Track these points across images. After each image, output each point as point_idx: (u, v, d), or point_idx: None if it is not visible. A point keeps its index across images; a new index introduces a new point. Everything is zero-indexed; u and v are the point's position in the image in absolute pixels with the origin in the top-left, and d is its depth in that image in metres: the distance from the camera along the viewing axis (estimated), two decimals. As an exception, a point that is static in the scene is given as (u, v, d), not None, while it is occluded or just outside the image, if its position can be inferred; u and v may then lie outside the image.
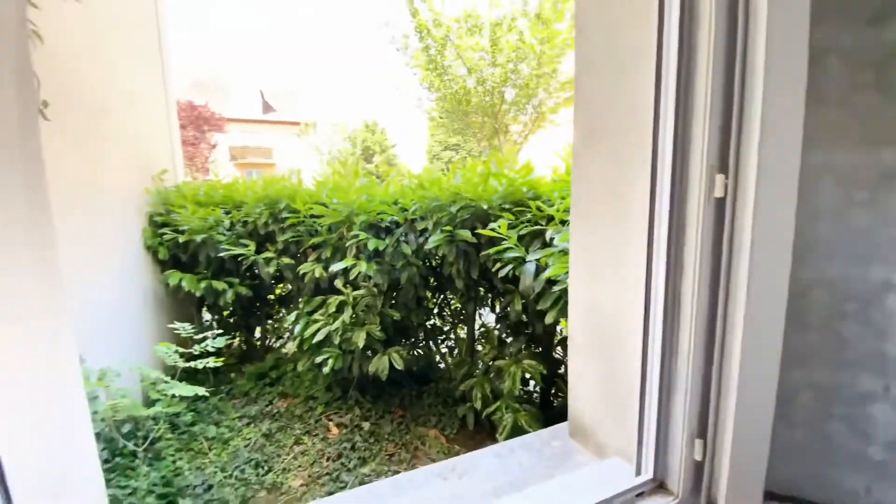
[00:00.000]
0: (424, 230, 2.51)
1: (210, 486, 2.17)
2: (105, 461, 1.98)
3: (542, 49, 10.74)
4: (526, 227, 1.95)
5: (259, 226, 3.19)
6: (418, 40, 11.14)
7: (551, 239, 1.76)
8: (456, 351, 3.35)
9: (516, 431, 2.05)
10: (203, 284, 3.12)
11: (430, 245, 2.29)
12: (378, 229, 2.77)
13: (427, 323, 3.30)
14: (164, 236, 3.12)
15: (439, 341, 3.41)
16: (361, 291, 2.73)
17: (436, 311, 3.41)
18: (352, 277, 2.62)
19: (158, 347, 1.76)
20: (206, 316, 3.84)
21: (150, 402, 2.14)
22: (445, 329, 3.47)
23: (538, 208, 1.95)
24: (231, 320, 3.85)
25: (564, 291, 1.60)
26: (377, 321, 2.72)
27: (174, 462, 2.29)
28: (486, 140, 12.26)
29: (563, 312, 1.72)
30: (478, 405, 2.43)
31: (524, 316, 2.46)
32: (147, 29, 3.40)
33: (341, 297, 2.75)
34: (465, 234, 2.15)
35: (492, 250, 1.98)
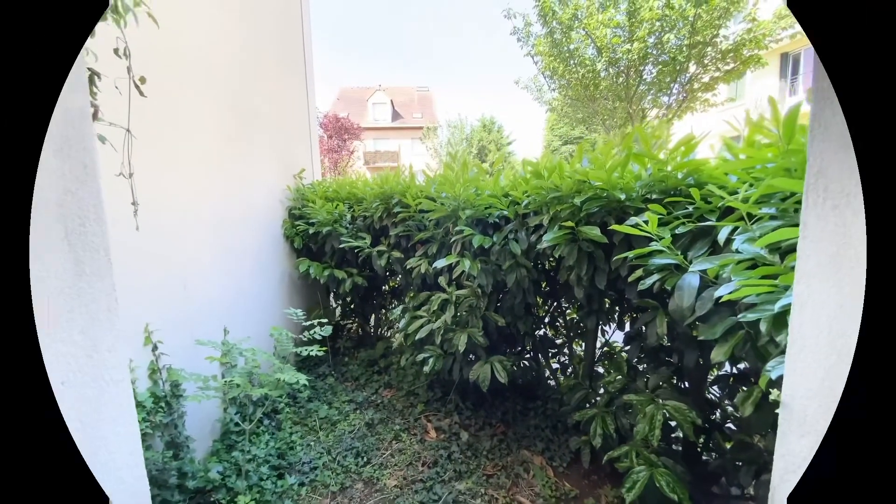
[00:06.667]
0: (538, 227, 2.15)
1: (315, 467, 2.27)
2: (236, 424, 2.26)
3: (698, 13, 8.80)
4: (685, 223, 1.42)
5: (375, 220, 3.31)
6: (542, 25, 10.37)
7: (728, 241, 1.22)
8: (570, 370, 2.88)
9: (650, 493, 1.55)
10: (326, 272, 3.39)
11: (544, 244, 1.91)
12: (486, 225, 2.53)
13: (536, 332, 2.93)
14: (299, 227, 3.50)
15: (549, 355, 3.00)
16: (465, 291, 2.54)
17: (547, 320, 3.01)
18: (455, 276, 2.44)
19: (273, 330, 1.89)
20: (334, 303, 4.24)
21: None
22: (558, 342, 3.03)
23: (705, 199, 1.39)
24: (351, 307, 4.15)
25: (752, 323, 1.06)
26: (480, 324, 2.49)
27: (290, 435, 2.49)
28: (616, 129, 10.73)
29: (743, 350, 1.17)
30: (596, 442, 1.97)
31: (667, 341, 1.90)
32: (294, 45, 3.87)
33: (444, 295, 2.61)
34: (593, 231, 1.68)
35: (630, 253, 1.48)
